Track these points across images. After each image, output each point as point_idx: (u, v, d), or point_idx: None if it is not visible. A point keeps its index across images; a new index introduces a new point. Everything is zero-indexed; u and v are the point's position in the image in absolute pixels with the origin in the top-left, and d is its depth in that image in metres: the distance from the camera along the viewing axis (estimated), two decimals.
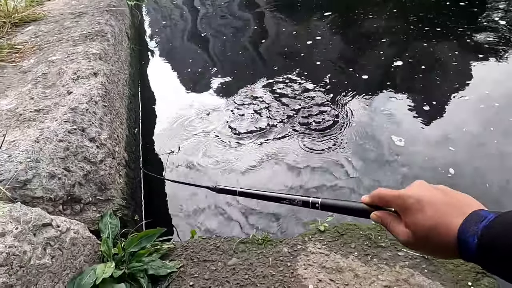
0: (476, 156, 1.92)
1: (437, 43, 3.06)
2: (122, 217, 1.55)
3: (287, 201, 0.77)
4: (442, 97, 2.45)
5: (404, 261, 1.29)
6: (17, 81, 1.91)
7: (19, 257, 0.98)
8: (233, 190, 0.91)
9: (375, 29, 3.50)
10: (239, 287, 1.27)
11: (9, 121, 1.53)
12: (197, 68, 3.38)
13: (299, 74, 2.90)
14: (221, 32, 4.16)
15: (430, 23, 3.41)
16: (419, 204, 0.53)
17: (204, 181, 2.01)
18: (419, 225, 0.52)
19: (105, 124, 1.73)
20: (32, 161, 1.31)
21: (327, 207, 0.69)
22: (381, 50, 3.13)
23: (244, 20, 4.37)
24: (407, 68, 2.82)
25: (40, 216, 1.13)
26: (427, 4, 3.94)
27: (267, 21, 4.22)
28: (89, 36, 2.43)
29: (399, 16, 3.74)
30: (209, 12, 4.83)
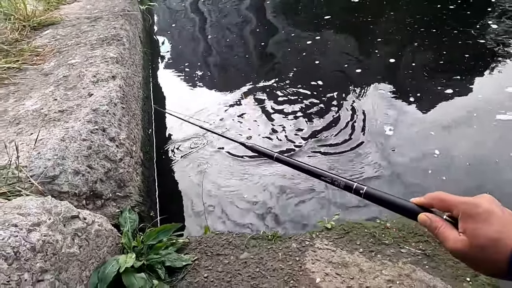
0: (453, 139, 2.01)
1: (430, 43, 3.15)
2: (139, 212, 1.64)
3: (328, 179, 0.73)
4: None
5: (406, 258, 1.37)
6: (40, 83, 2.01)
7: (52, 245, 1.07)
8: (270, 154, 0.85)
9: (372, 30, 3.60)
10: (251, 279, 1.35)
11: (35, 121, 1.63)
12: (204, 71, 3.48)
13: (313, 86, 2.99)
14: (228, 35, 4.26)
15: (425, 24, 3.51)
16: (488, 214, 0.53)
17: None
18: (481, 235, 0.52)
19: (123, 125, 1.83)
20: (59, 158, 1.41)
21: (371, 197, 0.67)
22: (378, 49, 3.21)
23: (251, 24, 4.46)
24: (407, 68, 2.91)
25: (69, 208, 1.23)
26: (422, 7, 4.02)
27: (272, 25, 4.31)
28: (105, 40, 2.53)
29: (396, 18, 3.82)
30: (217, 16, 4.93)
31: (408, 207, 0.63)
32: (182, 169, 2.23)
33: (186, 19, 5.00)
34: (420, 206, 0.62)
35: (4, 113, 1.73)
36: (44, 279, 1.01)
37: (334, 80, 2.91)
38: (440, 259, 1.35)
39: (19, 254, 0.95)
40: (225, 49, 3.92)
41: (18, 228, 0.99)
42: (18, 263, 0.94)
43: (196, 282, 1.36)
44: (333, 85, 2.83)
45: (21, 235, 0.98)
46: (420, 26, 3.55)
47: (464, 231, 0.55)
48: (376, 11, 4.06)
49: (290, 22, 4.27)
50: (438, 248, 1.39)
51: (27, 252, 0.97)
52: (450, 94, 2.56)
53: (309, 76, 2.99)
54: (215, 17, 4.90)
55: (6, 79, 2.08)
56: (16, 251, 0.94)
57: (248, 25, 4.45)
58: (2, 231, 0.96)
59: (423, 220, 0.61)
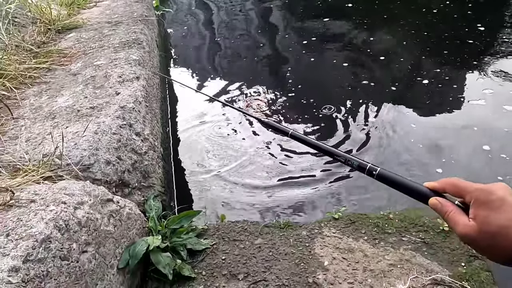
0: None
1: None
2: (162, 201, 1.79)
3: (342, 159, 0.74)
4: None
5: (407, 245, 1.49)
6: (69, 82, 2.18)
7: (93, 222, 1.22)
8: (285, 131, 0.86)
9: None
10: (265, 261, 1.48)
11: (69, 116, 1.79)
12: (215, 74, 3.64)
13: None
14: (238, 39, 4.43)
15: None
16: (501, 202, 0.53)
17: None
18: (492, 222, 0.53)
19: (147, 122, 1.98)
20: (93, 149, 1.56)
21: (384, 179, 0.67)
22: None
23: (259, 29, 4.62)
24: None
25: (105, 192, 1.38)
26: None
27: (279, 27, 4.47)
28: (127, 43, 2.70)
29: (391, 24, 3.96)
30: (226, 20, 5.11)
31: (420, 190, 0.64)
32: (196, 165, 2.38)
33: (196, 25, 5.18)
34: (433, 190, 0.63)
35: (40, 108, 1.90)
36: (88, 250, 1.16)
37: (346, 92, 3.03)
38: (438, 247, 1.47)
39: (69, 226, 1.10)
40: (234, 53, 4.08)
41: (67, 205, 1.15)
42: (68, 234, 1.09)
43: (215, 263, 1.50)
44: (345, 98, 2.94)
45: (70, 211, 1.13)
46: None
47: (475, 217, 0.55)
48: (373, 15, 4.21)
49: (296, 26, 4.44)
50: (436, 237, 1.51)
51: (75, 226, 1.12)
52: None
53: (319, 87, 3.13)
54: (225, 21, 5.08)
55: (38, 78, 2.25)
56: (67, 223, 1.09)
57: (258, 31, 4.62)
58: (55, 206, 1.11)
59: (434, 204, 0.62)
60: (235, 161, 2.36)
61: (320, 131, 2.55)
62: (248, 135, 2.60)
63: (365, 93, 2.92)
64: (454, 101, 2.69)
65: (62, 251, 1.05)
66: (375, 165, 0.70)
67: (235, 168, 2.30)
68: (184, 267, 1.45)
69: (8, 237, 1.00)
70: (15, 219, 1.07)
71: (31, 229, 1.02)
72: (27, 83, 2.19)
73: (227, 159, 2.40)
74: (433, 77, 2.99)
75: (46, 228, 1.03)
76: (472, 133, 2.30)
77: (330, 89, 3.15)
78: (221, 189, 2.16)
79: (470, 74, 2.96)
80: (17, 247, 0.96)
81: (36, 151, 1.54)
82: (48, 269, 0.99)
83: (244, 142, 2.55)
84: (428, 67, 3.18)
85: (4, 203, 1.13)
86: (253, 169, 2.26)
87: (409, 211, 1.68)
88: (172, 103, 3.22)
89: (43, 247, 1.00)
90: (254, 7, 5.38)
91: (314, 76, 3.33)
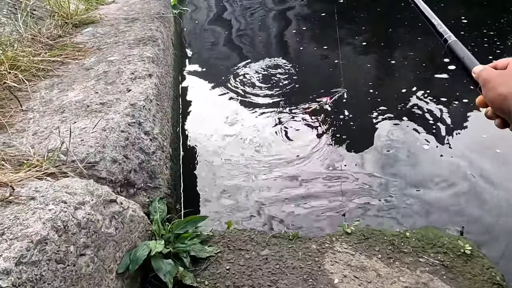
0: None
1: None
2: (167, 204, 1.73)
3: (433, 22, 0.82)
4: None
5: (424, 267, 1.40)
6: (82, 76, 2.15)
7: (94, 223, 1.16)
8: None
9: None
10: (271, 274, 1.40)
11: (78, 111, 1.75)
12: (230, 76, 3.58)
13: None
14: (254, 42, 4.37)
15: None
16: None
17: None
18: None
19: (157, 121, 1.93)
20: (100, 146, 1.51)
21: (451, 49, 0.76)
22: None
23: (276, 33, 4.56)
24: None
25: (108, 192, 1.32)
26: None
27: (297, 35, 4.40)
28: (142, 40, 2.66)
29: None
30: (244, 22, 5.06)
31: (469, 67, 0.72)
32: (205, 168, 2.32)
33: (213, 26, 5.15)
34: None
35: (50, 102, 1.86)
36: (86, 254, 1.10)
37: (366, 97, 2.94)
38: (458, 271, 1.37)
39: (67, 228, 1.04)
40: (250, 55, 4.02)
41: (67, 205, 1.09)
42: (66, 236, 1.03)
43: (219, 273, 1.42)
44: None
45: (69, 211, 1.08)
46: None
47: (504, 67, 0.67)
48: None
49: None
50: (456, 260, 1.41)
51: (74, 227, 1.07)
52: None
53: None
54: (243, 24, 5.03)
55: (51, 71, 2.23)
56: (65, 224, 1.04)
57: (273, 34, 4.55)
58: (54, 205, 1.06)
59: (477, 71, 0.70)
60: (248, 167, 2.28)
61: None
62: (263, 141, 2.52)
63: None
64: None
65: (58, 254, 0.99)
66: (450, 37, 0.78)
67: (248, 175, 2.22)
68: (186, 275, 1.38)
69: (3, 236, 0.94)
70: (12, 216, 1.02)
71: (27, 229, 0.97)
72: (39, 76, 2.17)
73: (240, 164, 2.32)
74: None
75: (43, 228, 0.98)
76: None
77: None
78: (230, 195, 2.09)
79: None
80: (11, 247, 0.91)
81: (42, 146, 1.50)
82: (42, 273, 0.93)
83: (260, 148, 2.46)
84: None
85: (3, 199, 1.08)
86: (267, 177, 2.18)
87: (427, 229, 1.57)
88: (185, 102, 3.18)
89: (38, 248, 0.94)
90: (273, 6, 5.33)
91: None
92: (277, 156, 2.34)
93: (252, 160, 2.33)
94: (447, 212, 1.78)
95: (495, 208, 1.78)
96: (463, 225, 1.64)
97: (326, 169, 2.19)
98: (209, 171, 2.29)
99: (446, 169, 2.07)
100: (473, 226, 1.69)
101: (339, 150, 2.35)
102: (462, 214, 1.76)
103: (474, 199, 1.84)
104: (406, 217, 1.74)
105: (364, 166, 2.18)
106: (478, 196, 1.86)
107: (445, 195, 1.89)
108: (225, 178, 2.21)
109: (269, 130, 2.61)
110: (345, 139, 2.44)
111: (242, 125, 2.72)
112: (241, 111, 2.92)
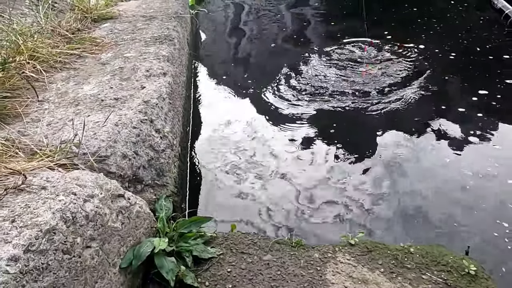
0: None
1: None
2: (173, 202, 1.74)
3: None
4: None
5: (427, 284, 1.38)
6: (97, 71, 2.18)
7: (101, 217, 1.18)
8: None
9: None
10: (272, 280, 1.40)
11: (93, 105, 1.78)
12: (243, 80, 3.60)
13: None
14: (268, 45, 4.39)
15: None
16: None
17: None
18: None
19: (168, 119, 1.95)
20: (112, 141, 1.53)
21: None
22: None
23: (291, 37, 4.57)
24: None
25: (117, 187, 1.34)
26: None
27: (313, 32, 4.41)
28: (158, 39, 2.70)
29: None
30: (260, 26, 5.09)
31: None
32: (213, 169, 2.33)
33: (229, 28, 5.19)
34: None
35: (65, 94, 1.90)
36: (91, 246, 1.12)
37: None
38: None
39: (75, 219, 1.06)
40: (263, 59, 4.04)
41: (77, 197, 1.11)
42: (74, 227, 1.05)
43: (220, 275, 1.43)
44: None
45: (79, 203, 1.10)
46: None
47: None
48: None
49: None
50: (460, 280, 1.39)
51: (82, 219, 1.08)
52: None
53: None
54: (257, 29, 5.06)
55: (68, 64, 2.27)
56: (74, 216, 1.06)
57: (288, 38, 4.56)
58: (64, 196, 1.08)
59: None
60: (256, 172, 2.29)
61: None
62: (273, 148, 2.51)
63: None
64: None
65: (65, 245, 1.01)
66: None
67: (255, 180, 2.22)
68: (187, 275, 1.38)
69: (13, 223, 0.96)
70: (23, 204, 1.04)
71: (37, 218, 0.98)
72: (56, 67, 2.21)
73: (247, 168, 2.33)
74: None
75: (52, 218, 0.99)
76: None
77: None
78: (235, 198, 2.09)
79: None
80: (20, 235, 0.93)
81: (55, 137, 1.53)
82: (49, 262, 0.95)
83: (269, 154, 2.46)
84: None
85: (15, 187, 1.10)
86: (273, 184, 2.18)
87: (432, 246, 1.56)
88: (197, 102, 3.20)
89: (46, 238, 0.96)
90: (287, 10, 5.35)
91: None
92: (284, 163, 2.34)
93: (259, 165, 2.33)
94: (454, 230, 1.76)
95: (505, 230, 1.76)
96: (468, 245, 1.62)
97: (332, 178, 2.18)
98: (216, 173, 2.30)
99: (458, 186, 2.05)
100: (480, 246, 1.67)
101: (345, 160, 2.35)
102: (469, 233, 1.75)
103: (483, 219, 1.82)
104: (412, 232, 1.73)
105: (371, 178, 2.17)
106: (487, 216, 1.84)
107: (453, 212, 1.87)
108: (231, 181, 2.22)
109: (279, 139, 2.61)
110: (352, 149, 2.44)
111: (253, 130, 2.73)
112: (252, 115, 2.92)
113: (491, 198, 1.96)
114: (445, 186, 2.07)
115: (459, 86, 3.23)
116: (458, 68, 3.43)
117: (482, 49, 3.67)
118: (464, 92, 3.11)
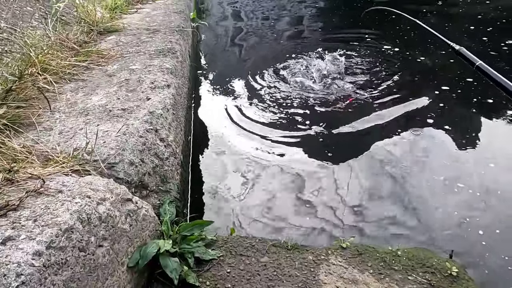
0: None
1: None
2: (176, 207, 1.84)
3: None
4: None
5: (412, 284, 1.49)
6: (105, 82, 2.30)
7: (112, 219, 1.28)
8: (473, 61, 0.91)
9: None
10: (268, 280, 1.50)
11: (101, 115, 1.89)
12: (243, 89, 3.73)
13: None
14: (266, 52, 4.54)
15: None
16: None
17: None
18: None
19: (172, 129, 2.07)
20: (120, 149, 1.64)
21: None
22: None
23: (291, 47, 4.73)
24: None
25: (125, 192, 1.45)
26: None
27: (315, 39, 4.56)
28: (162, 52, 2.83)
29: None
30: (260, 37, 5.26)
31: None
32: (212, 177, 2.44)
33: (229, 40, 5.35)
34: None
35: (75, 104, 2.01)
36: (103, 245, 1.22)
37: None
38: None
39: (90, 220, 1.16)
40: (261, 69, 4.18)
41: (91, 199, 1.22)
42: (89, 227, 1.15)
43: (220, 275, 1.53)
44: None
45: (93, 205, 1.20)
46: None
47: None
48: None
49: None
50: (443, 280, 1.50)
51: (95, 220, 1.19)
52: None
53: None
54: (257, 40, 5.22)
55: (76, 75, 2.39)
56: (89, 217, 1.16)
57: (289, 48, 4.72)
58: (80, 199, 1.18)
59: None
60: (253, 179, 2.40)
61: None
62: (273, 156, 2.63)
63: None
64: None
65: (81, 243, 1.11)
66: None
67: (253, 187, 2.33)
68: (189, 275, 1.48)
69: (36, 223, 1.07)
70: (43, 206, 1.14)
71: (56, 218, 1.09)
72: (66, 79, 2.33)
73: (246, 175, 2.44)
74: None
75: (70, 218, 1.10)
76: None
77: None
78: (234, 204, 2.20)
79: None
80: (43, 233, 1.03)
81: (68, 144, 1.63)
82: (67, 258, 1.05)
83: (269, 160, 2.58)
84: None
85: (35, 190, 1.21)
86: (270, 191, 2.29)
87: (418, 250, 1.67)
88: (197, 112, 3.32)
89: (65, 236, 1.06)
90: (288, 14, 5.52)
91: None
92: (281, 171, 2.46)
93: (257, 171, 2.45)
94: (440, 235, 1.87)
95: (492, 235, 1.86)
96: (452, 249, 1.73)
97: (328, 183, 2.29)
98: (216, 180, 2.41)
99: (448, 191, 2.16)
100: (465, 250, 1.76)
101: (340, 165, 2.46)
102: (455, 237, 1.85)
103: (471, 225, 1.92)
104: (399, 236, 1.83)
105: (364, 182, 2.28)
106: (476, 222, 1.95)
107: (441, 217, 1.98)
108: (230, 188, 2.33)
109: (275, 146, 2.74)
110: (346, 153, 2.56)
111: (251, 139, 2.85)
112: (251, 125, 3.05)
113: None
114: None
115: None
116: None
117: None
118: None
